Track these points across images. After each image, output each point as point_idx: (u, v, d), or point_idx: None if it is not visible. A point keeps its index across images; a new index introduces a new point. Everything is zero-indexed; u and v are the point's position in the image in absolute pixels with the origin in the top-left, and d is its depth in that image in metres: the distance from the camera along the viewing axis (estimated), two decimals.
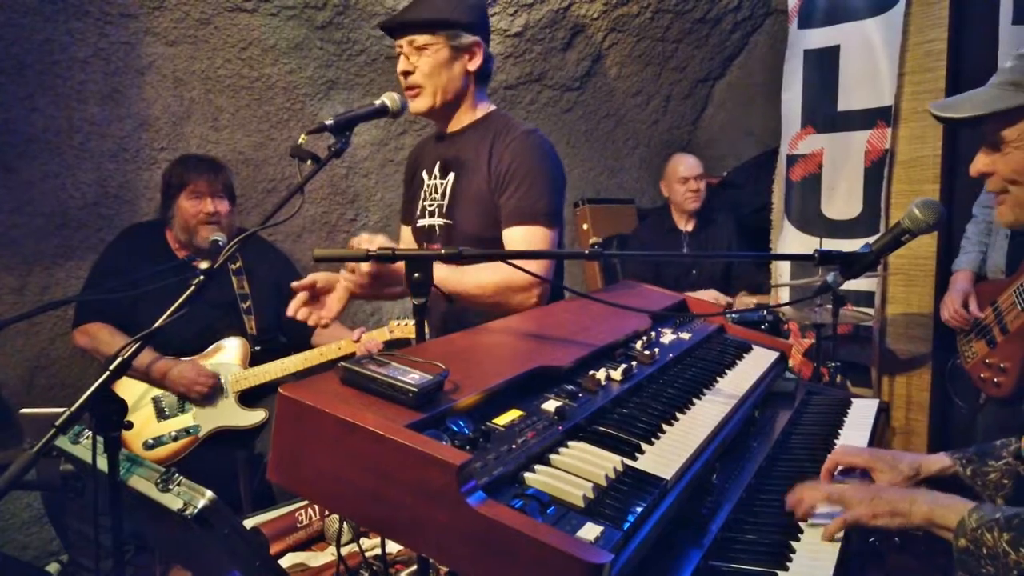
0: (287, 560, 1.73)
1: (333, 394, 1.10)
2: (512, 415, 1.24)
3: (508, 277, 1.92)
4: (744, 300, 3.97)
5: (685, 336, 1.90)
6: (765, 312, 3.59)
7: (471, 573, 0.97)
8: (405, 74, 2.09)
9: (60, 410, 1.27)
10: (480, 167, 2.08)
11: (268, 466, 1.11)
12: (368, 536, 1.70)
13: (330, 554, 1.73)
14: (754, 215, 4.57)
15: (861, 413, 2.00)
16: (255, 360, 2.97)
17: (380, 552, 1.52)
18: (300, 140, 1.67)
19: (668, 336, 1.87)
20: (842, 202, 3.70)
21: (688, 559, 1.23)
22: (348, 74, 3.63)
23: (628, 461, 1.22)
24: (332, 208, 3.87)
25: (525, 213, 2.02)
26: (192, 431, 2.83)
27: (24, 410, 2.16)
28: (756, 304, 3.93)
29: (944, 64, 3.32)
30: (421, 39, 2.06)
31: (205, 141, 3.39)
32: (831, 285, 1.51)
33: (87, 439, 1.41)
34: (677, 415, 1.46)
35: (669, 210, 4.23)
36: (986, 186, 1.41)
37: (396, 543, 1.38)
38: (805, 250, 1.43)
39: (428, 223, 2.19)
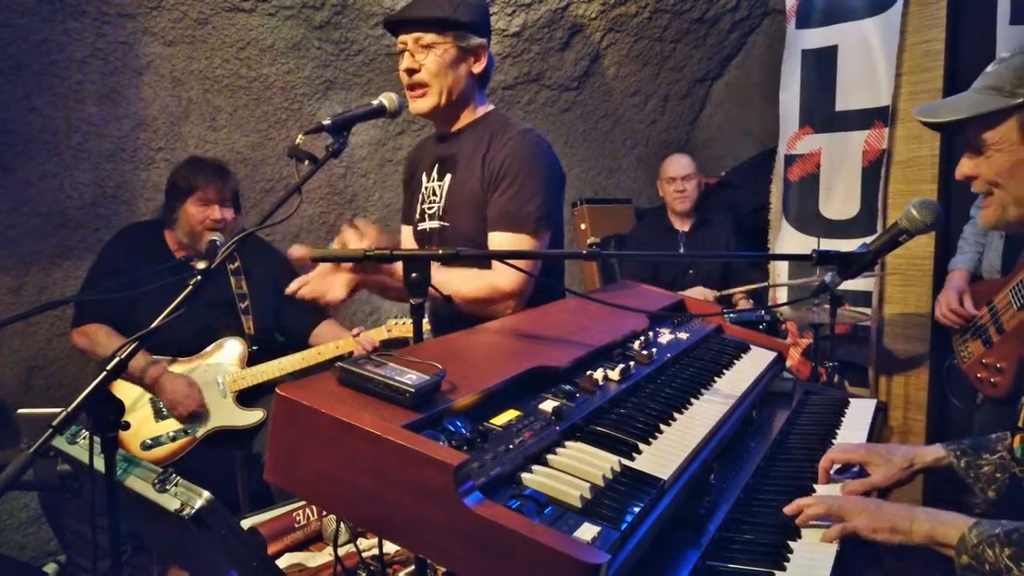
0: (285, 560, 1.74)
1: (330, 394, 1.10)
2: (509, 415, 1.24)
3: (487, 289, 1.91)
4: (742, 303, 3.96)
5: (683, 336, 1.90)
6: (763, 312, 3.59)
7: (468, 573, 0.97)
8: (409, 72, 2.05)
9: (57, 410, 1.27)
10: (475, 167, 2.06)
11: (265, 466, 1.11)
12: (366, 536, 1.71)
13: (328, 554, 1.73)
14: (752, 215, 4.57)
15: (859, 413, 2.00)
16: (253, 360, 2.97)
17: (378, 552, 1.52)
18: (298, 140, 1.67)
19: (666, 336, 1.87)
20: (840, 202, 3.70)
21: (686, 559, 1.23)
22: (346, 74, 3.63)
23: (626, 461, 1.22)
24: (330, 208, 3.87)
25: (511, 218, 1.98)
26: (190, 431, 2.82)
27: (21, 410, 2.16)
28: (746, 293, 3.92)
29: (942, 64, 3.32)
30: (428, 37, 2.02)
31: (203, 141, 3.39)
32: (829, 285, 1.51)
33: (84, 439, 1.41)
34: (675, 415, 1.46)
35: (666, 210, 4.23)
36: (972, 188, 1.42)
37: (393, 543, 1.38)
38: (803, 250, 1.43)
39: (427, 226, 2.18)
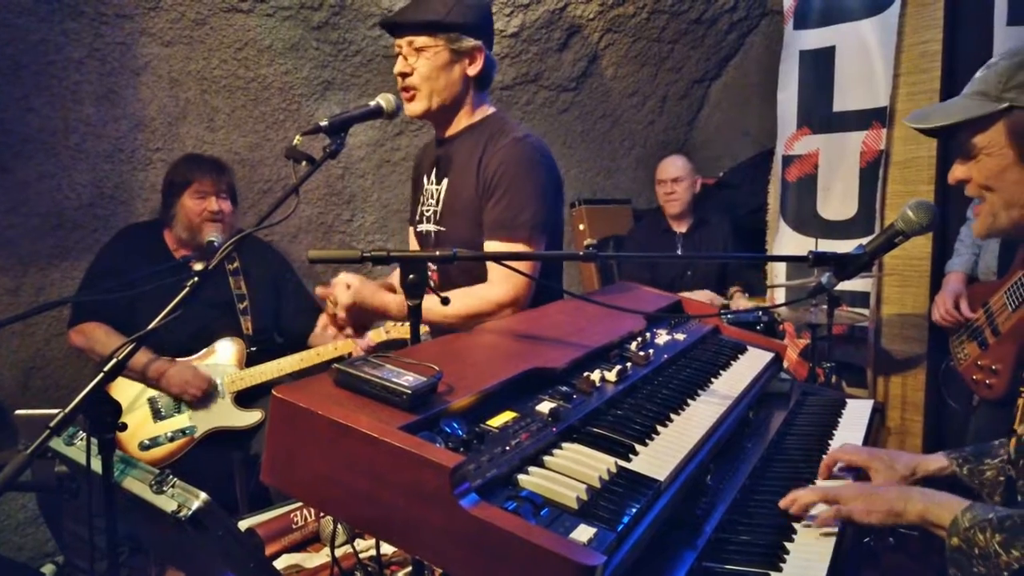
0: (283, 561, 1.73)
1: (327, 396, 1.11)
2: (506, 417, 1.24)
3: (482, 303, 1.90)
4: (740, 302, 3.97)
5: (680, 337, 1.90)
6: (760, 313, 3.59)
7: (465, 575, 0.97)
8: (402, 75, 2.04)
9: (55, 411, 1.27)
10: (470, 173, 2.04)
11: (262, 468, 1.11)
12: (363, 537, 1.71)
13: (325, 555, 1.73)
14: (750, 216, 4.58)
15: (856, 414, 2.01)
16: (251, 361, 2.97)
17: (375, 553, 1.52)
18: (295, 141, 1.67)
19: (663, 337, 1.87)
20: (838, 203, 3.71)
21: (682, 560, 1.23)
22: (344, 75, 3.63)
23: (622, 462, 1.22)
24: (328, 209, 3.87)
25: (505, 227, 1.96)
26: (188, 432, 2.82)
27: (19, 411, 2.16)
28: (752, 307, 3.93)
29: (939, 65, 3.32)
30: (420, 40, 2.00)
31: (201, 142, 3.39)
32: (825, 286, 1.51)
33: (81, 441, 1.41)
34: (671, 416, 1.46)
35: (663, 211, 4.23)
36: (966, 192, 1.44)
37: (390, 545, 1.38)
38: (801, 251, 1.44)
39: (424, 229, 2.18)
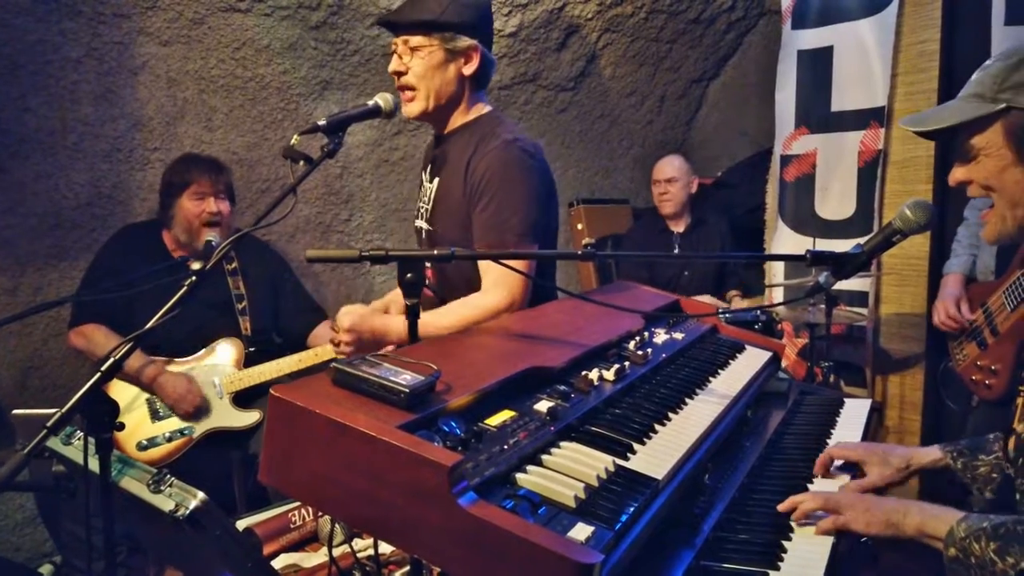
0: (281, 561, 1.73)
1: (325, 395, 1.11)
2: (504, 415, 1.24)
3: (477, 312, 1.87)
4: (738, 303, 3.97)
5: (678, 336, 1.90)
6: (759, 312, 3.59)
7: (463, 574, 0.97)
8: (397, 74, 2.03)
9: (53, 411, 1.27)
10: (459, 174, 2.02)
11: (260, 467, 1.11)
12: (361, 537, 1.70)
13: (323, 555, 1.73)
14: (748, 215, 4.58)
15: (854, 413, 2.01)
16: (250, 361, 2.97)
17: (373, 553, 1.52)
18: (293, 141, 1.67)
19: (661, 336, 1.87)
20: (836, 202, 3.71)
21: (680, 559, 1.23)
22: (342, 74, 3.63)
23: (620, 461, 1.22)
24: (327, 208, 3.87)
25: (494, 232, 1.94)
26: (186, 432, 2.82)
27: (16, 411, 2.15)
28: (751, 307, 3.93)
29: (937, 65, 3.33)
30: (415, 40, 1.99)
31: (199, 141, 3.39)
32: (823, 286, 1.51)
33: (79, 440, 1.41)
34: (669, 415, 1.46)
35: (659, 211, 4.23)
36: (968, 192, 1.45)
37: (388, 544, 1.38)
38: (799, 250, 1.45)
39: (419, 225, 2.19)
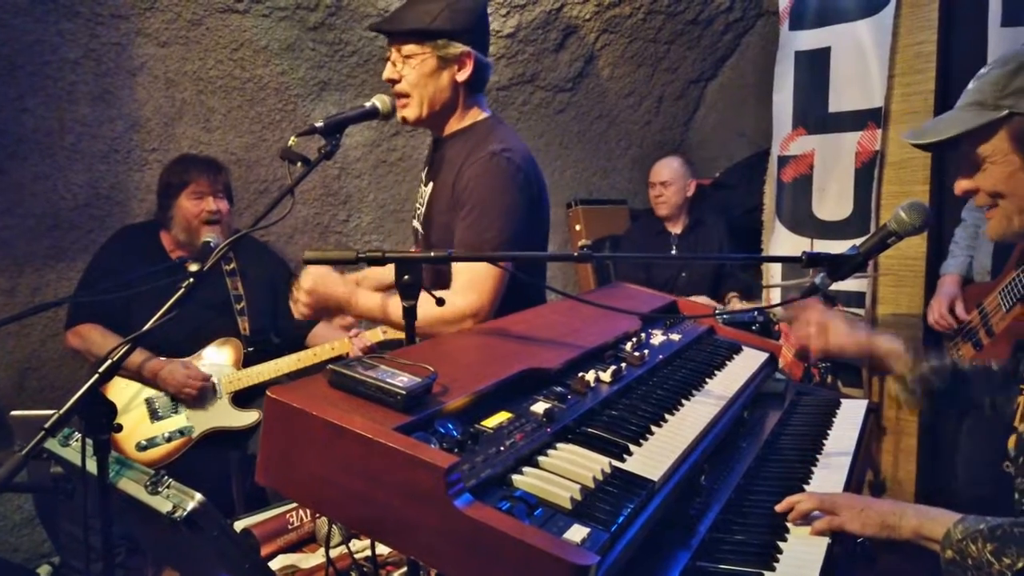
0: (278, 562, 1.74)
1: (321, 397, 1.11)
2: (501, 417, 1.24)
3: (435, 314, 1.78)
4: (736, 304, 3.97)
5: (675, 337, 1.91)
6: (756, 313, 3.60)
7: (459, 575, 0.98)
8: (390, 82, 2.02)
9: (51, 412, 1.27)
10: (448, 183, 2.02)
11: (256, 468, 1.11)
12: (359, 538, 1.71)
13: (321, 556, 1.73)
14: (746, 216, 4.58)
15: (850, 413, 2.02)
16: (249, 361, 2.97)
17: (370, 554, 1.52)
18: (290, 142, 1.68)
19: (658, 338, 1.87)
20: (833, 203, 3.71)
21: (676, 560, 1.24)
22: (340, 75, 3.63)
23: (616, 463, 1.23)
24: (325, 209, 3.87)
25: (470, 244, 1.92)
26: (185, 432, 2.82)
27: (14, 412, 2.16)
28: (748, 307, 3.92)
29: (934, 66, 3.33)
30: (407, 48, 1.98)
31: (197, 142, 3.39)
32: (819, 287, 1.52)
33: (77, 441, 1.41)
34: (666, 416, 1.47)
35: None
36: (975, 202, 1.44)
37: (385, 545, 1.38)
38: (797, 251, 1.45)
39: (414, 225, 2.22)
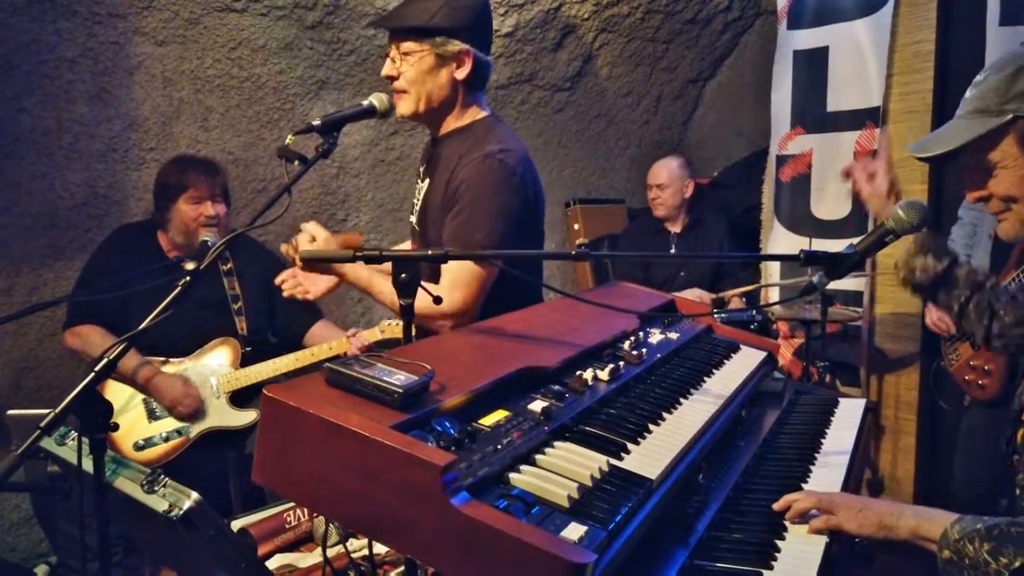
0: (276, 561, 1.73)
1: (318, 395, 1.11)
2: (498, 415, 1.24)
3: (417, 311, 1.75)
4: (736, 303, 3.97)
5: (673, 336, 1.91)
6: (754, 312, 3.60)
7: (456, 574, 0.97)
8: (389, 78, 2.02)
9: (47, 411, 1.26)
10: (443, 181, 2.02)
11: (253, 468, 1.11)
12: (356, 537, 1.70)
13: (319, 555, 1.73)
14: (744, 215, 4.59)
15: (849, 412, 2.02)
16: (246, 361, 2.96)
17: (368, 553, 1.52)
18: (288, 141, 1.67)
19: (656, 336, 1.87)
20: (831, 202, 3.72)
21: (674, 558, 1.24)
22: (338, 74, 3.63)
23: (614, 461, 1.23)
24: (323, 208, 3.87)
25: (458, 245, 1.91)
26: (183, 432, 2.82)
27: (11, 411, 2.15)
28: (741, 293, 3.91)
29: (932, 65, 3.34)
30: (406, 45, 1.98)
31: (195, 141, 3.38)
32: (816, 285, 1.51)
33: (73, 441, 1.41)
34: (664, 415, 1.47)
35: None
36: (988, 209, 1.44)
37: (382, 544, 1.38)
38: (795, 250, 1.45)
39: (411, 222, 2.23)
